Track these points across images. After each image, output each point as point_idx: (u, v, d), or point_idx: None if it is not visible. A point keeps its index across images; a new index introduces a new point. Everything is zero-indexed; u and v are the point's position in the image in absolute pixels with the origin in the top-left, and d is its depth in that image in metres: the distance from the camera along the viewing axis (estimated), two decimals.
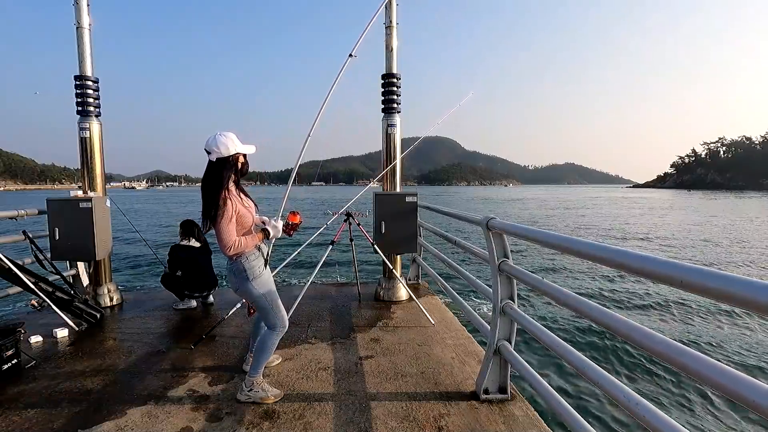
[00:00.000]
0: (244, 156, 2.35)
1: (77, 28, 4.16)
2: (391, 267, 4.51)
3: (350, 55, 3.19)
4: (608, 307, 1.69)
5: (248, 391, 2.48)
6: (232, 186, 2.30)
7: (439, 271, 4.89)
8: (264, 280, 2.41)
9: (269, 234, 2.44)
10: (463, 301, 3.77)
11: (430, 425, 2.27)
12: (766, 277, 11.70)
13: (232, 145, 2.24)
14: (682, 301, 8.34)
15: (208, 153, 2.24)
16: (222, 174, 2.23)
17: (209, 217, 2.22)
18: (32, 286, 3.54)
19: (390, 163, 4.56)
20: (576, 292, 1.92)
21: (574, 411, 1.91)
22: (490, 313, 2.62)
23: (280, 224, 2.50)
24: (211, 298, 4.54)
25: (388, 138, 4.55)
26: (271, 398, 2.50)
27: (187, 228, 4.48)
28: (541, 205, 47.82)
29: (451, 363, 3.06)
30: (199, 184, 2.31)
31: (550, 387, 2.12)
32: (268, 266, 2.51)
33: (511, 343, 2.49)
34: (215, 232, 2.23)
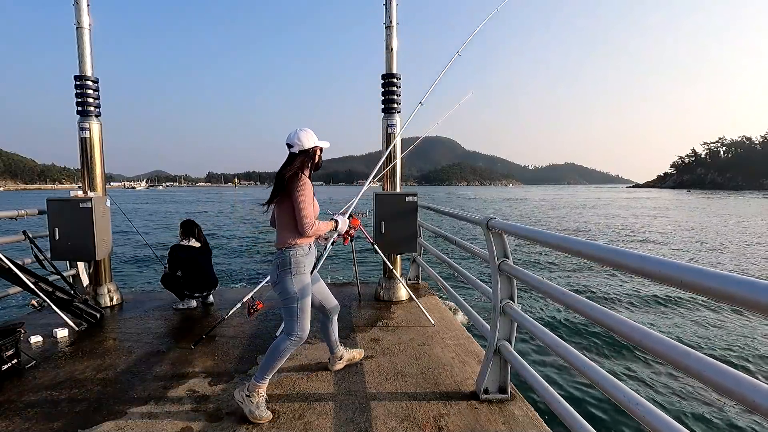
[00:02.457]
0: (321, 150, 2.46)
1: (77, 28, 4.16)
2: (391, 267, 4.51)
3: (457, 53, 3.80)
4: (608, 307, 1.69)
5: (246, 395, 2.31)
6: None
7: (439, 271, 4.89)
8: (303, 280, 2.36)
9: (338, 225, 2.56)
10: (463, 301, 3.77)
11: (430, 425, 2.27)
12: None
13: (312, 138, 2.38)
14: (682, 301, 8.35)
15: (290, 146, 2.36)
16: (303, 163, 2.35)
17: (285, 192, 2.27)
18: (32, 286, 3.54)
19: (390, 163, 4.56)
20: (576, 292, 1.92)
21: (574, 411, 1.91)
22: (490, 313, 2.62)
23: (347, 221, 2.63)
24: (211, 298, 4.54)
25: (388, 138, 4.55)
26: (258, 419, 2.28)
27: (187, 228, 4.48)
28: (545, 206, 47.80)
29: (451, 363, 3.06)
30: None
31: (550, 387, 2.12)
32: (316, 271, 2.55)
33: (511, 343, 2.49)
34: (297, 206, 2.25)
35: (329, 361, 2.95)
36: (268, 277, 2.58)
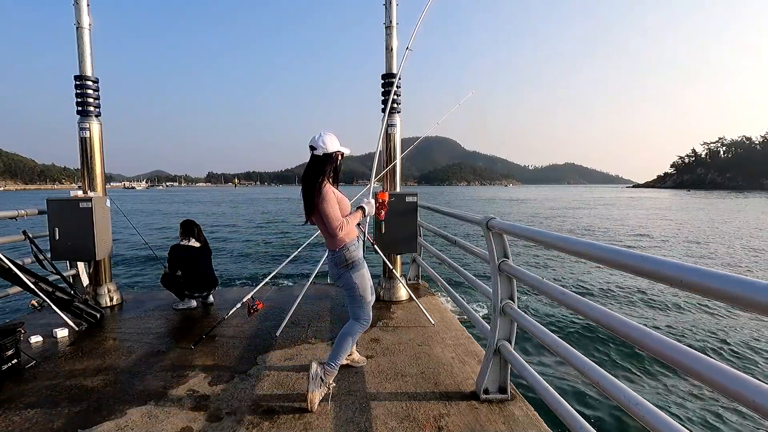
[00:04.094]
0: (342, 155, 2.53)
1: (77, 28, 4.16)
2: (391, 267, 4.51)
3: (407, 48, 3.70)
4: (608, 307, 1.69)
5: (323, 374, 2.43)
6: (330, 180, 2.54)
7: (439, 271, 4.89)
8: (362, 270, 2.55)
9: (365, 210, 2.68)
10: (463, 301, 3.76)
11: (430, 425, 2.27)
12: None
13: (335, 143, 2.45)
14: (682, 301, 8.35)
15: (313, 149, 2.42)
16: (325, 167, 2.42)
17: (312, 205, 2.38)
18: (32, 286, 3.54)
19: (390, 163, 4.56)
20: (576, 292, 1.92)
21: (574, 411, 1.91)
22: (490, 313, 2.62)
23: (372, 201, 2.76)
24: (211, 298, 4.54)
25: (388, 138, 4.55)
26: (311, 402, 2.38)
27: (187, 228, 4.47)
28: (547, 206, 47.79)
29: (451, 363, 3.06)
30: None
31: (550, 387, 2.12)
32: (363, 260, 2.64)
33: (511, 343, 2.49)
34: (323, 217, 2.38)
35: None
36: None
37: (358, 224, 2.71)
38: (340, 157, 2.52)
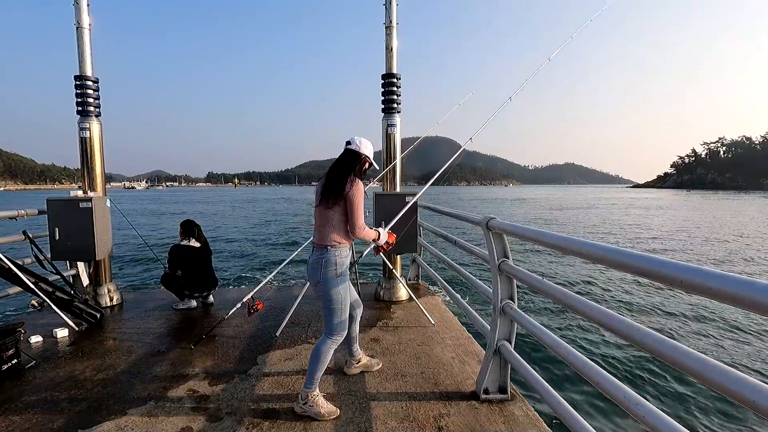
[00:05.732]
0: (369, 163, 2.53)
1: (77, 28, 4.16)
2: (391, 267, 4.51)
3: (548, 59, 3.81)
4: (608, 307, 1.69)
5: (303, 404, 2.36)
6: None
7: (439, 271, 4.89)
8: (345, 279, 2.43)
9: (379, 235, 2.63)
10: (463, 301, 3.76)
11: (430, 425, 2.27)
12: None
13: (369, 149, 2.50)
14: (682, 301, 8.34)
15: (348, 144, 2.46)
16: (354, 162, 2.42)
17: (339, 192, 2.30)
18: (32, 286, 3.54)
19: (390, 163, 4.56)
20: (576, 292, 1.92)
21: (574, 411, 1.91)
22: (490, 313, 2.62)
23: (386, 236, 2.70)
24: (211, 298, 4.55)
25: (388, 138, 4.55)
26: (326, 416, 2.33)
27: (187, 228, 4.48)
28: (549, 206, 47.77)
29: (451, 363, 3.06)
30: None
31: (550, 387, 2.12)
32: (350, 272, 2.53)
33: (511, 343, 2.49)
34: (351, 207, 2.32)
35: (346, 363, 2.90)
36: (267, 272, 2.59)
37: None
38: (366, 164, 2.50)
